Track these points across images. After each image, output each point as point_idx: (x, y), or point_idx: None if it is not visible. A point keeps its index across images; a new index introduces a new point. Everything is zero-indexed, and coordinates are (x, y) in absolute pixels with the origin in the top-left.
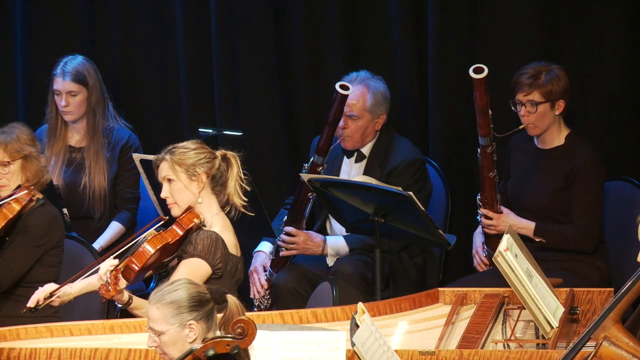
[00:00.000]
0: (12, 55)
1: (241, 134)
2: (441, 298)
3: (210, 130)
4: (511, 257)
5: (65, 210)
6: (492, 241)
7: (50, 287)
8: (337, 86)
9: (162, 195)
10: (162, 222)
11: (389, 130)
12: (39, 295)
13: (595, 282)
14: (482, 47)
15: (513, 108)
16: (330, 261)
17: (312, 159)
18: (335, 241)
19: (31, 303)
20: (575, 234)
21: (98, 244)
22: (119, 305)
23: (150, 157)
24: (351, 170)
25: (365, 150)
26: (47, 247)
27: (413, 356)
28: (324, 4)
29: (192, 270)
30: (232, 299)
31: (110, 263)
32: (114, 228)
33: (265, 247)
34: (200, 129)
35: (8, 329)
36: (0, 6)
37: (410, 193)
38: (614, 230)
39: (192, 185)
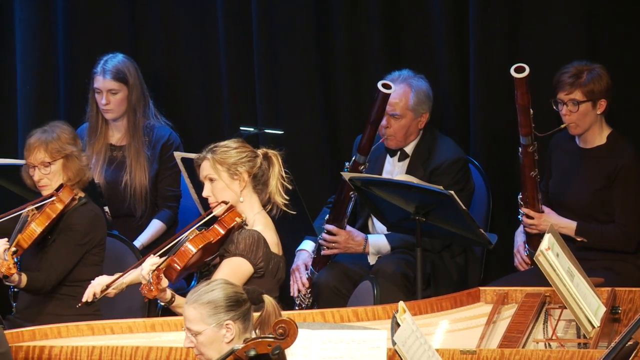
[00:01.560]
0: (54, 54)
1: (282, 132)
2: (482, 297)
3: (252, 129)
4: (552, 257)
5: (106, 209)
6: (533, 240)
7: (104, 279)
8: (379, 85)
9: (204, 194)
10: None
11: (432, 130)
12: (95, 288)
13: (637, 281)
14: (524, 46)
15: (554, 107)
16: (372, 260)
17: (353, 158)
18: (377, 240)
19: (87, 297)
20: (617, 234)
21: (139, 242)
22: (162, 304)
23: (192, 155)
24: (394, 169)
25: (409, 149)
26: (90, 246)
27: (454, 355)
28: (366, 2)
29: (234, 269)
30: (268, 300)
31: (152, 262)
32: (155, 226)
33: (307, 245)
34: (241, 128)
35: (49, 327)
36: (41, 4)
37: (452, 192)
38: None
39: (233, 184)
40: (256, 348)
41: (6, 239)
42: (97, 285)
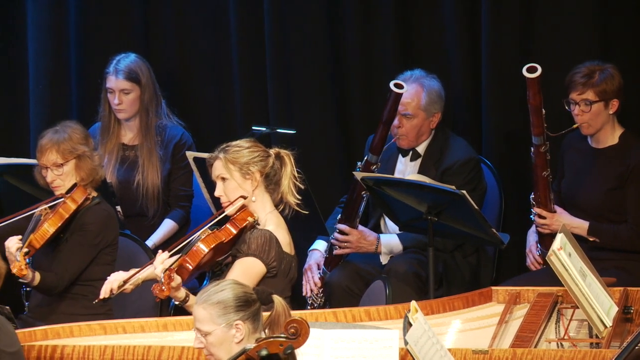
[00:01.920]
0: (66, 53)
1: (295, 132)
2: (494, 297)
3: (264, 129)
4: (565, 256)
5: (118, 208)
6: (545, 240)
7: (121, 275)
8: (391, 85)
9: (216, 193)
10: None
11: (444, 130)
12: (112, 285)
13: None
14: (536, 47)
15: (567, 107)
16: (384, 259)
17: (366, 158)
18: (389, 239)
19: (104, 294)
20: (629, 234)
21: (151, 242)
22: (175, 303)
23: (204, 155)
24: (406, 169)
25: (421, 149)
26: (103, 246)
27: (466, 355)
28: (378, 2)
29: (247, 269)
30: (278, 300)
31: (161, 259)
32: (167, 226)
33: (320, 245)
34: (253, 127)
35: (62, 327)
36: (54, 4)
37: (464, 192)
38: None
39: (245, 184)
40: (268, 348)
41: (19, 237)
42: (114, 281)
